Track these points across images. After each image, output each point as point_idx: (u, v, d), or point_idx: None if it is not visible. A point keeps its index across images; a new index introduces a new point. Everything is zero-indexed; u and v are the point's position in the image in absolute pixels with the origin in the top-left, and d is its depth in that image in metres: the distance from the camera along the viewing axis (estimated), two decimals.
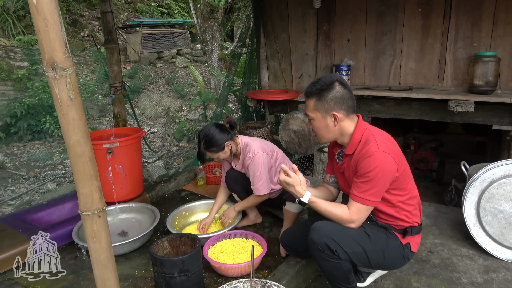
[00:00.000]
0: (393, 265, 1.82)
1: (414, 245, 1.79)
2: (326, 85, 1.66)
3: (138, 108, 7.95)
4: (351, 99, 1.68)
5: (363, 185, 1.57)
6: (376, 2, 3.34)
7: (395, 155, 1.60)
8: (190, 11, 12.18)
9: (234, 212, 2.60)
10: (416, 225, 1.76)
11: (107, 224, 1.26)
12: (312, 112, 1.72)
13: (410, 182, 1.72)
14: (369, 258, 1.71)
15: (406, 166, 1.70)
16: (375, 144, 1.58)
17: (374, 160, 1.55)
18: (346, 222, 1.64)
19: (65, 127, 1.12)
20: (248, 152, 2.48)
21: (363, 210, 1.61)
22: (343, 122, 1.69)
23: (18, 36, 7.80)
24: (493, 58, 2.79)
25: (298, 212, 2.42)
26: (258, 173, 2.43)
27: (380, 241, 1.71)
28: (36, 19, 1.04)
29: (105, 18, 3.36)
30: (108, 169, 2.84)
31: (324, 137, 1.76)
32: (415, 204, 1.77)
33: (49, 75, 1.08)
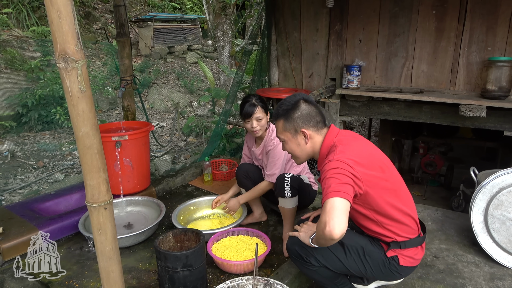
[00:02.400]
0: (383, 277, 1.75)
1: (405, 259, 1.67)
2: (291, 105, 1.68)
3: (147, 102, 8.00)
4: (318, 115, 1.69)
5: (325, 186, 1.45)
6: (390, 3, 3.31)
7: (357, 162, 1.51)
8: (202, 7, 12.20)
9: (238, 204, 2.61)
10: (406, 239, 1.66)
11: (113, 216, 1.27)
12: (282, 134, 1.73)
13: (390, 196, 1.60)
14: (347, 266, 1.69)
15: (386, 182, 1.59)
16: (333, 154, 1.55)
17: (329, 166, 1.50)
18: (322, 228, 1.39)
19: (75, 119, 1.13)
20: (273, 139, 2.51)
21: (331, 208, 1.36)
22: (314, 139, 1.69)
23: (32, 27, 7.88)
24: (507, 63, 2.74)
25: (294, 207, 2.40)
26: (278, 162, 2.47)
27: (357, 251, 1.68)
28: (50, 11, 1.05)
29: (118, 12, 3.38)
30: (116, 161, 2.86)
31: (299, 156, 1.75)
32: (403, 221, 1.65)
33: (61, 67, 1.09)
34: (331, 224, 1.32)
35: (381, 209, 1.59)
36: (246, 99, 2.51)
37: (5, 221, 2.49)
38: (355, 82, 3.34)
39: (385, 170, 1.62)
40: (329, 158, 1.56)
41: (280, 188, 2.36)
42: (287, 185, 2.34)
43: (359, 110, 3.54)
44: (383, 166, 1.63)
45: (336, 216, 1.33)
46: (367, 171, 1.53)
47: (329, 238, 1.35)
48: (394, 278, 1.76)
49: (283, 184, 2.35)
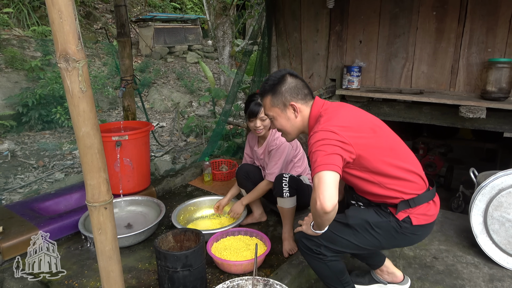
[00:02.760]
0: (400, 243, 1.69)
1: (418, 217, 1.59)
2: (277, 79, 1.65)
3: (147, 102, 8.00)
4: (305, 87, 1.66)
5: (313, 160, 1.43)
6: (390, 4, 3.31)
7: (345, 128, 1.48)
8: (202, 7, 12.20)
9: (242, 206, 2.62)
10: (414, 196, 1.58)
11: (113, 216, 1.27)
12: (271, 110, 1.69)
13: (388, 156, 1.55)
14: (360, 245, 1.63)
15: (378, 141, 1.55)
16: (319, 124, 1.52)
17: (314, 138, 1.47)
18: (314, 205, 1.39)
19: (76, 119, 1.13)
20: (276, 140, 2.51)
21: (319, 183, 1.35)
22: (304, 112, 1.65)
23: (32, 27, 7.89)
24: (507, 64, 2.74)
25: (292, 207, 2.40)
26: (279, 162, 2.47)
27: (364, 226, 1.61)
28: (51, 11, 1.05)
29: (119, 12, 3.39)
30: (116, 161, 2.86)
31: (289, 132, 1.71)
32: (406, 178, 1.58)
33: (62, 67, 1.09)
34: (321, 198, 1.32)
35: (379, 170, 1.54)
36: (251, 98, 2.49)
37: (5, 220, 2.49)
38: (355, 82, 3.35)
39: (377, 130, 1.58)
40: (314, 129, 1.53)
41: (278, 188, 2.36)
42: (285, 185, 2.35)
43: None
44: (375, 127, 1.59)
45: (325, 190, 1.33)
46: (357, 134, 1.50)
47: (323, 212, 1.34)
48: (412, 241, 1.68)
49: (281, 184, 2.36)
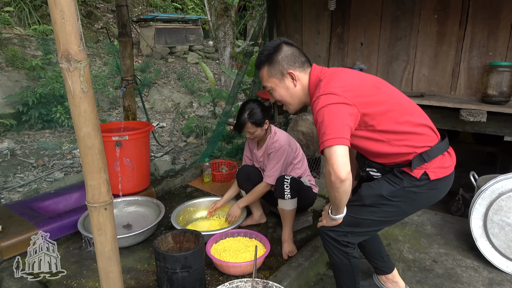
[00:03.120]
0: (424, 203, 1.62)
1: (435, 171, 1.53)
2: (273, 49, 1.60)
3: (148, 102, 8.00)
4: (302, 55, 1.62)
5: (321, 131, 1.40)
6: (391, 6, 3.31)
7: (347, 89, 1.44)
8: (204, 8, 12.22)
9: (239, 210, 2.60)
10: (427, 149, 1.52)
11: (113, 217, 1.27)
12: (268, 81, 1.64)
13: (394, 110, 1.51)
14: (384, 219, 1.60)
15: (381, 96, 1.51)
16: (319, 90, 1.48)
17: (317, 104, 1.43)
18: (329, 178, 1.38)
19: (77, 119, 1.13)
20: (275, 142, 2.50)
21: (331, 156, 1.36)
22: (302, 80, 1.61)
23: (33, 26, 7.89)
24: (508, 68, 2.74)
25: (293, 209, 2.40)
26: (278, 164, 2.45)
27: (381, 201, 1.56)
28: (53, 11, 1.05)
29: (120, 12, 3.38)
30: (116, 161, 2.86)
31: (290, 102, 1.66)
32: (415, 132, 1.53)
33: (63, 67, 1.09)
34: (335, 168, 1.34)
35: (386, 126, 1.49)
36: (240, 111, 2.45)
37: (4, 220, 2.49)
38: None
39: (380, 87, 1.55)
40: (315, 95, 1.49)
41: (279, 189, 2.36)
42: (287, 186, 2.34)
43: None
44: (377, 84, 1.55)
45: (337, 160, 1.34)
46: (359, 93, 1.46)
47: (339, 181, 1.35)
48: (434, 197, 1.61)
49: (283, 185, 2.35)
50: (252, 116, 2.39)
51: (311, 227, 2.76)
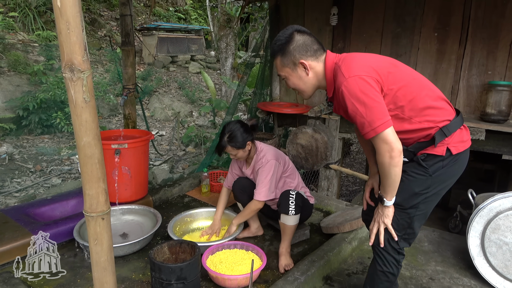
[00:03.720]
0: (453, 179, 1.64)
1: (456, 146, 1.56)
2: (285, 39, 1.61)
3: (148, 110, 8.02)
4: (315, 43, 1.61)
5: (362, 119, 1.43)
6: (392, 23, 3.36)
7: (368, 69, 1.47)
8: (207, 18, 12.34)
9: (234, 227, 2.58)
10: (447, 123, 1.53)
11: (110, 226, 1.26)
12: (282, 70, 1.66)
13: (413, 85, 1.53)
14: (429, 209, 1.65)
15: (399, 72, 1.54)
16: (341, 74, 1.48)
17: (346, 90, 1.45)
18: (389, 158, 1.44)
19: (78, 128, 1.14)
20: (262, 158, 2.49)
21: (384, 140, 1.43)
22: (316, 68, 1.61)
23: (37, 31, 7.96)
24: (507, 87, 2.77)
25: (295, 225, 2.39)
26: (266, 180, 2.42)
27: (417, 197, 1.59)
28: (59, 21, 1.06)
29: (124, 21, 3.42)
30: (115, 169, 2.86)
31: (304, 90, 1.68)
32: (435, 106, 1.54)
33: (67, 76, 1.10)
34: (392, 145, 1.41)
35: (408, 102, 1.51)
36: (221, 134, 2.45)
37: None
38: None
39: (396, 64, 1.58)
40: (339, 81, 1.48)
41: (284, 204, 2.35)
42: (292, 202, 2.33)
43: None
44: (393, 62, 1.59)
45: (392, 139, 1.42)
46: (380, 72, 1.49)
47: (398, 154, 1.42)
48: (458, 171, 1.63)
49: (288, 201, 2.34)
50: (232, 139, 2.40)
51: (308, 240, 2.74)
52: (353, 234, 2.65)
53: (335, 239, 2.59)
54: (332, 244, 2.51)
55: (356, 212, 2.82)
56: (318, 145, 3.37)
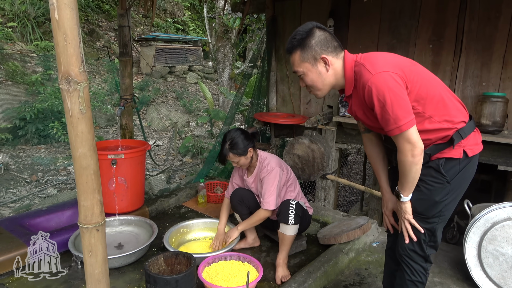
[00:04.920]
0: (466, 183, 1.66)
1: (472, 148, 1.58)
2: (305, 33, 1.56)
3: (145, 120, 8.02)
4: (334, 40, 1.58)
5: (387, 116, 1.43)
6: (388, 35, 3.40)
7: (393, 66, 1.47)
8: (205, 29, 12.45)
9: (237, 232, 2.58)
10: (464, 125, 1.55)
11: (105, 238, 1.26)
12: (300, 66, 1.60)
13: (433, 84, 1.53)
14: (450, 212, 1.65)
15: (420, 70, 1.54)
16: (367, 71, 1.46)
17: (373, 87, 1.43)
18: (411, 156, 1.46)
19: (73, 139, 1.14)
20: (267, 166, 2.50)
21: (407, 140, 1.45)
22: (335, 65, 1.58)
23: (35, 42, 7.99)
24: (501, 99, 2.80)
25: (293, 235, 2.39)
26: (272, 188, 2.43)
27: (438, 206, 1.61)
28: (56, 34, 1.07)
29: (122, 32, 3.45)
30: (111, 180, 2.85)
31: (320, 88, 1.64)
32: (453, 106, 1.55)
33: (63, 88, 1.10)
34: (415, 145, 1.43)
35: (429, 99, 1.51)
36: (222, 142, 2.47)
37: None
38: None
39: (416, 63, 1.58)
40: (365, 78, 1.47)
41: (284, 214, 2.34)
42: (292, 212, 2.33)
43: (356, 138, 3.57)
44: (412, 61, 1.59)
45: (415, 138, 1.43)
46: (404, 69, 1.48)
47: (420, 153, 1.45)
48: (471, 173, 1.65)
49: (288, 210, 2.34)
50: (233, 147, 2.41)
51: (305, 251, 2.73)
52: (350, 245, 2.64)
53: (332, 250, 2.58)
54: (329, 255, 2.50)
55: (353, 223, 2.81)
56: (315, 156, 3.37)
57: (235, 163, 2.50)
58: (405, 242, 1.68)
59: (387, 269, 2.00)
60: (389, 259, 1.96)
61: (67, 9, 1.05)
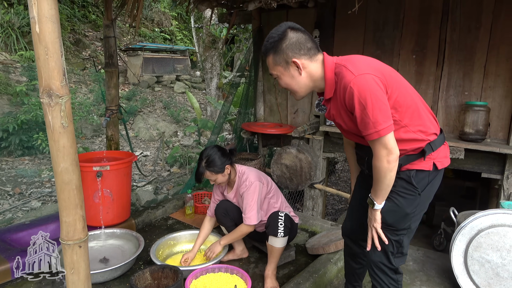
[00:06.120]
0: (432, 196, 1.68)
1: (441, 161, 1.60)
2: (278, 36, 1.53)
3: (132, 130, 7.95)
4: (309, 41, 1.53)
5: (367, 119, 1.40)
6: (372, 46, 3.45)
7: (375, 70, 1.45)
8: (192, 39, 12.46)
9: (220, 247, 2.54)
10: (435, 138, 1.57)
11: (87, 255, 1.23)
12: (274, 69, 1.59)
13: (410, 93, 1.54)
14: (413, 227, 1.65)
15: (398, 78, 1.54)
16: (349, 72, 1.44)
17: (355, 88, 1.40)
18: (387, 162, 1.44)
19: (55, 154, 1.11)
20: (245, 181, 2.47)
21: (387, 140, 1.43)
22: (309, 67, 1.54)
23: (20, 52, 7.88)
24: (483, 107, 2.86)
25: (282, 247, 2.38)
26: (252, 202, 2.40)
27: (408, 218, 1.61)
28: (37, 47, 1.06)
29: (108, 43, 3.42)
30: (96, 192, 2.80)
31: (297, 90, 1.61)
32: (426, 117, 1.57)
33: (44, 102, 1.08)
34: (392, 150, 1.43)
35: (407, 109, 1.51)
36: (198, 160, 2.45)
37: None
38: None
39: (395, 71, 1.57)
40: (345, 78, 1.44)
41: (273, 226, 2.33)
42: (281, 224, 2.32)
43: (343, 147, 3.59)
44: (392, 68, 1.58)
45: (392, 144, 1.43)
46: (384, 74, 1.47)
47: (395, 159, 1.44)
48: (437, 185, 1.66)
49: (277, 222, 2.32)
50: (210, 164, 2.39)
51: (294, 262, 2.72)
52: (339, 255, 2.64)
53: (320, 260, 2.57)
54: (318, 265, 2.49)
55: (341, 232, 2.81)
56: (302, 165, 3.38)
57: (212, 181, 2.46)
58: (367, 249, 1.68)
59: (348, 269, 2.09)
60: (350, 261, 2.05)
61: (49, 22, 1.04)
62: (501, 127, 3.01)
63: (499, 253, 2.23)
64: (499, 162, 2.90)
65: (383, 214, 1.60)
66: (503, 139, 2.99)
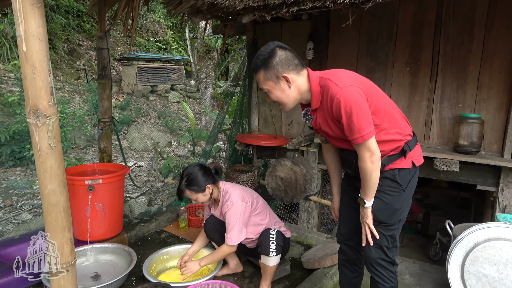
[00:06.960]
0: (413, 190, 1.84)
1: (418, 159, 1.79)
2: (267, 53, 1.67)
3: (126, 140, 7.89)
4: (295, 58, 1.70)
5: (352, 125, 1.56)
6: (366, 58, 3.46)
7: (357, 82, 1.61)
8: (187, 49, 12.49)
9: (198, 267, 2.49)
10: (410, 138, 1.75)
11: (75, 279, 1.19)
12: (265, 84, 1.72)
13: (385, 100, 1.71)
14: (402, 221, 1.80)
15: (375, 88, 1.70)
16: (334, 85, 1.59)
17: (342, 99, 1.55)
18: (370, 163, 1.60)
19: (42, 175, 1.08)
20: (227, 200, 2.43)
21: (369, 143, 1.59)
22: (297, 81, 1.70)
23: (13, 61, 7.83)
24: (477, 120, 2.86)
25: (276, 265, 2.34)
26: (234, 223, 2.35)
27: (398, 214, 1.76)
28: (24, 66, 1.03)
29: (101, 54, 3.40)
30: (87, 206, 2.75)
31: (286, 103, 1.75)
32: (401, 121, 1.75)
33: (31, 122, 1.05)
34: (374, 152, 1.59)
35: (385, 114, 1.67)
36: (180, 178, 2.43)
37: None
38: None
39: (370, 81, 1.72)
40: (332, 91, 1.58)
41: (265, 245, 2.29)
42: (273, 243, 2.29)
43: None
44: (368, 79, 1.73)
45: (374, 146, 1.59)
46: (364, 85, 1.63)
47: (377, 160, 1.60)
48: (416, 182, 1.83)
49: (269, 241, 2.29)
50: (190, 183, 2.36)
51: (289, 276, 2.68)
52: (335, 269, 2.60)
53: (316, 274, 2.54)
54: (313, 280, 2.46)
55: (337, 246, 2.78)
56: (297, 178, 3.35)
57: (193, 200, 2.43)
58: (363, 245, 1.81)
59: (344, 279, 2.13)
60: (346, 270, 2.11)
61: (36, 41, 1.02)
62: (495, 139, 3.01)
63: (495, 267, 2.21)
64: (494, 174, 2.90)
65: (374, 212, 1.74)
66: (497, 151, 2.99)
